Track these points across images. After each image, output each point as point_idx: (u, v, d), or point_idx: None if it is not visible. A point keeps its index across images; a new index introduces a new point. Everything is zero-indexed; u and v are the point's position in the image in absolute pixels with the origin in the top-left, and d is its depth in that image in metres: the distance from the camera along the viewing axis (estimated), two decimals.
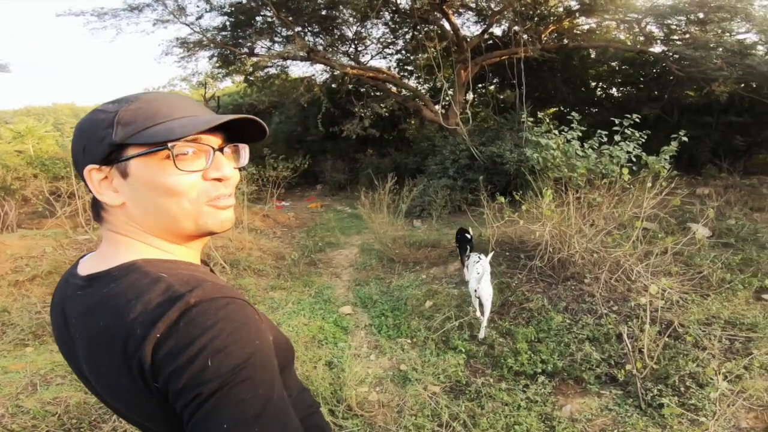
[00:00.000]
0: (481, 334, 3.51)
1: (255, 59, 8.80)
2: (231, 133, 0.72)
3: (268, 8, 8.52)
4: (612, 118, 4.84)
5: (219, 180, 0.70)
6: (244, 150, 0.77)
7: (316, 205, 10.44)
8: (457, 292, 4.39)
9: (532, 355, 3.15)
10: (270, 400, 0.58)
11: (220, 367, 0.56)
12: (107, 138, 0.65)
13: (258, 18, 9.51)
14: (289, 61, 10.93)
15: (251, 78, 11.37)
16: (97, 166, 0.67)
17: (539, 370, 3.01)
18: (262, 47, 10.05)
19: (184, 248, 0.74)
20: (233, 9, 9.13)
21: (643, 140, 4.58)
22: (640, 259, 3.88)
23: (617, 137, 4.56)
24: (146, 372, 0.58)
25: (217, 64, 10.60)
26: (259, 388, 0.58)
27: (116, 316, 0.61)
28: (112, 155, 0.66)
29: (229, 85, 15.11)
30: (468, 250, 4.59)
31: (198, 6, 9.06)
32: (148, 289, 0.61)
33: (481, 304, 3.62)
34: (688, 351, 3.01)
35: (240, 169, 0.77)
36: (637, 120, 4.52)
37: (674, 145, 4.29)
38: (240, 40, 9.57)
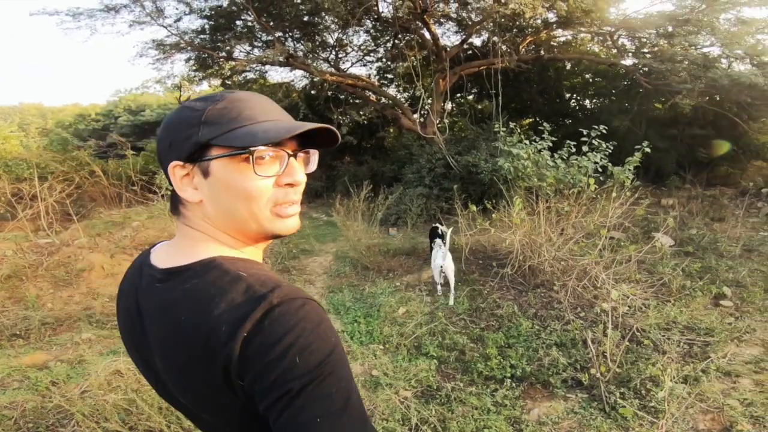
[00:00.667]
0: (451, 301, 4.24)
1: (233, 63, 8.73)
2: (302, 138, 0.73)
3: (249, 12, 8.49)
4: (582, 130, 5.02)
5: (291, 185, 0.72)
6: (315, 156, 0.79)
7: None
8: (431, 299, 4.45)
9: (502, 360, 3.22)
10: (351, 392, 0.61)
11: (308, 364, 0.58)
12: (193, 136, 0.67)
13: (238, 22, 9.46)
14: (268, 66, 10.88)
15: (229, 82, 11.27)
16: (181, 163, 0.68)
17: (508, 375, 3.08)
18: (241, 51, 10.01)
19: (252, 248, 0.76)
20: (213, 12, 9.06)
21: (610, 151, 4.75)
22: (606, 267, 4.01)
23: (585, 148, 4.72)
24: (231, 369, 0.59)
25: (194, 67, 10.47)
26: (342, 381, 0.61)
27: (200, 311, 0.62)
28: (196, 153, 0.67)
29: (206, 88, 14.93)
30: (438, 241, 4.81)
31: (177, 9, 8.95)
32: (230, 288, 0.63)
33: (446, 278, 4.39)
34: (648, 355, 3.13)
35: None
36: (604, 131, 4.69)
37: (638, 156, 4.47)
38: (219, 44, 9.49)
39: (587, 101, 13.51)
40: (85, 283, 5.07)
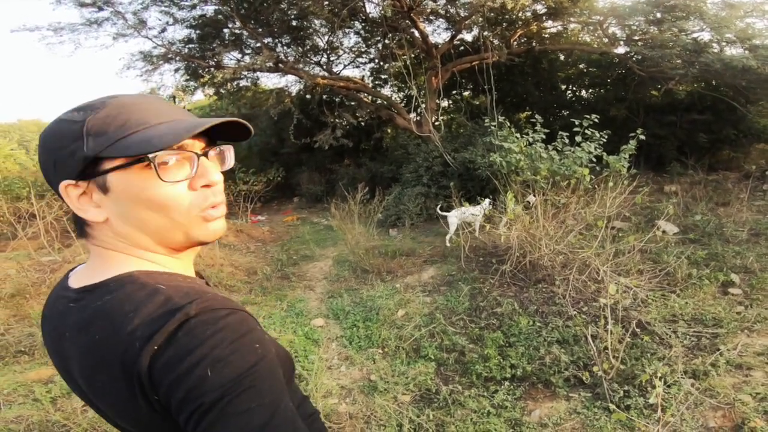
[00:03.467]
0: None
1: (223, 71, 8.68)
2: (212, 135, 0.68)
3: (235, 20, 8.44)
4: (575, 120, 4.93)
5: (207, 186, 0.66)
6: (229, 152, 0.74)
7: (292, 219, 10.31)
8: (430, 299, 4.36)
9: (502, 360, 3.12)
10: (277, 409, 0.57)
11: (221, 377, 0.54)
12: (78, 151, 0.60)
13: (225, 30, 9.42)
14: (259, 73, 10.84)
15: (223, 90, 11.24)
16: (73, 182, 0.62)
17: (508, 376, 2.98)
18: (230, 59, 9.95)
19: (175, 260, 0.71)
20: (199, 22, 9.02)
21: (604, 140, 4.65)
22: (608, 258, 3.91)
23: (578, 138, 4.62)
24: (145, 386, 0.56)
25: (185, 78, 10.44)
26: (265, 397, 0.56)
27: (113, 329, 0.58)
28: (87, 169, 0.61)
29: (201, 98, 14.92)
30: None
31: (160, 20, 8.89)
32: (146, 301, 0.59)
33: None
34: (654, 350, 3.02)
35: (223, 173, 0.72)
36: (596, 121, 4.59)
37: (633, 143, 4.37)
38: (207, 53, 9.45)
39: (583, 91, 13.39)
40: None
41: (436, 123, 8.91)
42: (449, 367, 3.22)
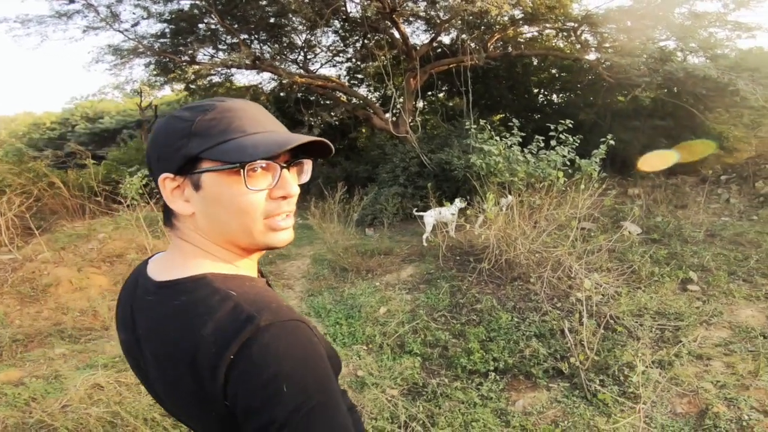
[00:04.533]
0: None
1: (197, 67, 8.51)
2: (295, 148, 0.72)
3: (212, 16, 8.30)
4: (550, 124, 5.14)
5: (283, 198, 0.71)
6: (308, 166, 0.78)
7: None
8: (411, 297, 4.47)
9: (484, 353, 3.26)
10: (335, 419, 0.61)
11: (294, 392, 0.57)
12: (183, 149, 0.65)
13: (201, 25, 9.25)
14: (234, 69, 10.68)
15: (193, 86, 11.01)
16: (171, 175, 0.67)
17: (491, 368, 3.12)
18: (204, 55, 9.77)
19: (246, 260, 0.76)
20: (174, 16, 8.81)
21: (577, 144, 4.88)
22: (579, 257, 4.12)
23: (553, 142, 4.84)
24: (217, 389, 0.59)
25: (155, 72, 10.17)
26: (329, 410, 0.60)
27: (188, 330, 0.62)
28: (187, 166, 0.66)
29: (168, 93, 14.54)
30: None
31: (134, 13, 8.67)
32: (219, 307, 0.62)
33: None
34: (624, 341, 3.23)
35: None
36: (570, 125, 4.82)
37: (603, 148, 4.62)
38: (180, 48, 9.24)
39: (554, 96, 13.83)
40: (53, 298, 4.97)
41: (413, 124, 9.03)
42: (434, 361, 3.33)
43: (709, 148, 9.48)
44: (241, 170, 0.65)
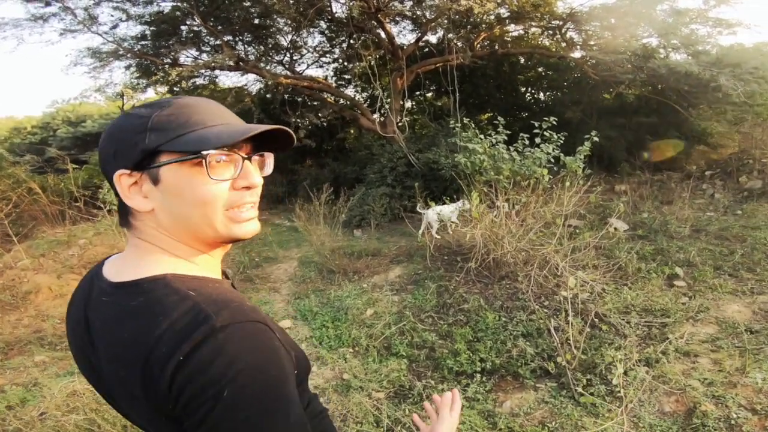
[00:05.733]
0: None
1: (179, 69, 8.38)
2: (257, 142, 0.73)
3: (195, 17, 8.18)
4: (534, 122, 5.13)
5: (246, 188, 0.70)
6: (270, 159, 0.79)
7: None
8: (398, 298, 4.41)
9: (471, 354, 3.22)
10: (276, 427, 0.59)
11: (234, 397, 0.56)
12: (140, 143, 0.65)
13: (183, 27, 9.11)
14: (218, 71, 10.56)
15: (176, 89, 10.86)
16: (128, 171, 0.66)
17: (478, 369, 3.08)
18: (187, 57, 9.63)
19: (208, 257, 0.74)
20: (154, 18, 8.67)
21: (561, 141, 4.87)
22: (566, 254, 4.10)
23: (538, 140, 4.82)
24: (163, 391, 0.58)
25: (136, 75, 10.00)
26: (270, 419, 0.59)
27: (142, 331, 0.61)
28: (144, 161, 0.65)
29: (151, 95, 14.34)
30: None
31: (112, 15, 8.51)
32: (176, 307, 0.61)
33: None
34: (611, 339, 3.21)
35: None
36: (554, 123, 4.80)
37: (587, 145, 4.61)
38: (162, 50, 9.10)
39: (541, 94, 13.89)
40: (33, 305, 4.94)
41: (400, 124, 8.99)
42: (421, 363, 3.28)
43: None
44: (203, 161, 0.65)
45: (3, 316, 4.67)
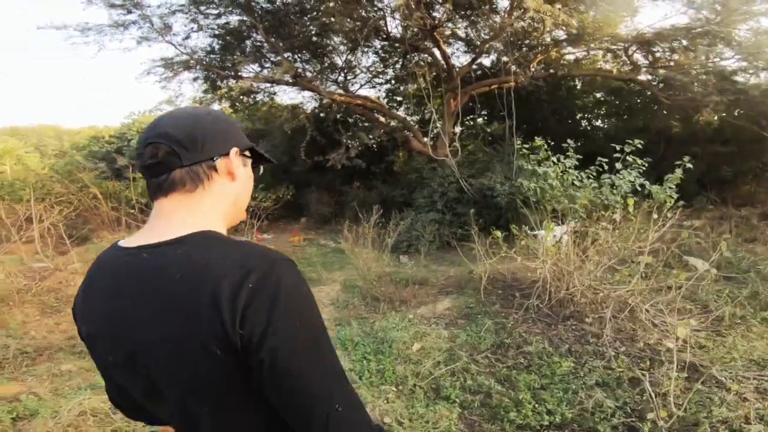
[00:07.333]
0: None
1: (241, 83, 8.60)
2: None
3: (258, 32, 8.38)
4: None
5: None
6: None
7: (298, 239, 10.02)
8: (448, 333, 4.02)
9: (536, 404, 2.77)
10: (330, 355, 0.72)
11: (312, 317, 0.70)
12: (244, 137, 0.85)
13: (247, 42, 9.39)
14: (276, 88, 10.78)
15: (238, 104, 11.22)
16: (238, 150, 0.82)
17: (546, 423, 2.62)
18: (249, 72, 9.90)
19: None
20: (222, 31, 8.99)
21: (644, 168, 4.35)
22: (646, 297, 3.58)
23: (618, 165, 4.31)
24: (234, 318, 0.62)
25: (203, 87, 10.39)
26: (328, 342, 0.72)
27: (199, 266, 0.66)
28: (244, 149, 0.84)
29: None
30: None
31: (185, 26, 8.90)
32: (230, 247, 0.70)
33: None
34: (713, 394, 2.67)
35: None
36: (640, 146, 4.29)
37: (678, 172, 4.07)
38: (227, 63, 9.41)
39: (599, 121, 13.23)
40: None
41: (453, 148, 8.69)
42: (475, 411, 2.87)
43: None
44: (257, 166, 0.91)
45: (42, 318, 4.62)
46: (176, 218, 0.75)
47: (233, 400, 0.68)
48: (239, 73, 9.41)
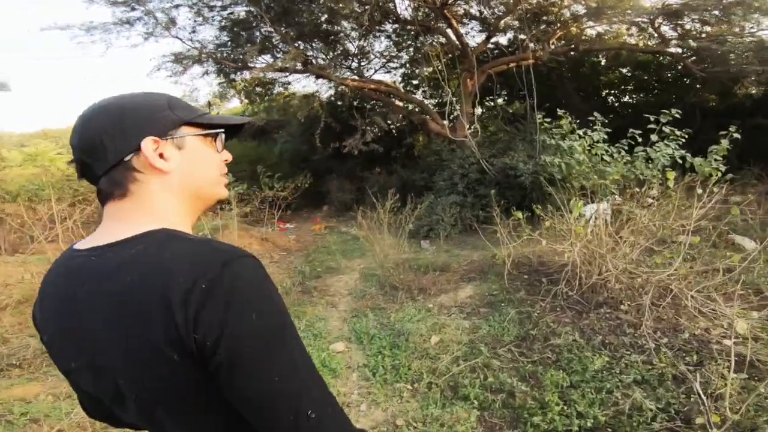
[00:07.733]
0: None
1: (252, 74, 8.42)
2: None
3: (266, 22, 8.16)
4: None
5: (226, 161, 0.85)
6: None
7: (320, 227, 9.88)
8: (469, 324, 3.75)
9: (564, 407, 2.49)
10: (304, 359, 0.68)
11: (271, 314, 0.65)
12: (168, 117, 0.74)
13: (256, 32, 9.19)
14: (291, 77, 10.58)
15: (254, 96, 11.07)
16: (156, 138, 0.72)
17: (576, 428, 2.34)
18: (261, 63, 9.71)
19: (189, 226, 0.79)
20: (230, 23, 8.81)
21: (684, 140, 3.91)
22: (689, 280, 3.21)
23: (654, 137, 3.89)
24: (187, 323, 0.59)
25: (218, 81, 10.27)
26: (294, 351, 0.66)
27: (151, 268, 0.63)
28: (169, 131, 0.74)
29: (237, 105, 14.87)
30: None
31: (190, 19, 8.73)
32: (183, 245, 0.67)
33: None
34: None
35: None
36: (678, 116, 3.85)
37: (725, 143, 3.63)
38: (239, 56, 9.25)
39: (626, 97, 12.53)
40: None
41: (471, 129, 8.31)
42: (495, 412, 2.60)
43: None
44: (218, 137, 0.81)
45: None
46: (126, 219, 0.72)
47: (199, 402, 0.66)
48: (249, 64, 9.22)
